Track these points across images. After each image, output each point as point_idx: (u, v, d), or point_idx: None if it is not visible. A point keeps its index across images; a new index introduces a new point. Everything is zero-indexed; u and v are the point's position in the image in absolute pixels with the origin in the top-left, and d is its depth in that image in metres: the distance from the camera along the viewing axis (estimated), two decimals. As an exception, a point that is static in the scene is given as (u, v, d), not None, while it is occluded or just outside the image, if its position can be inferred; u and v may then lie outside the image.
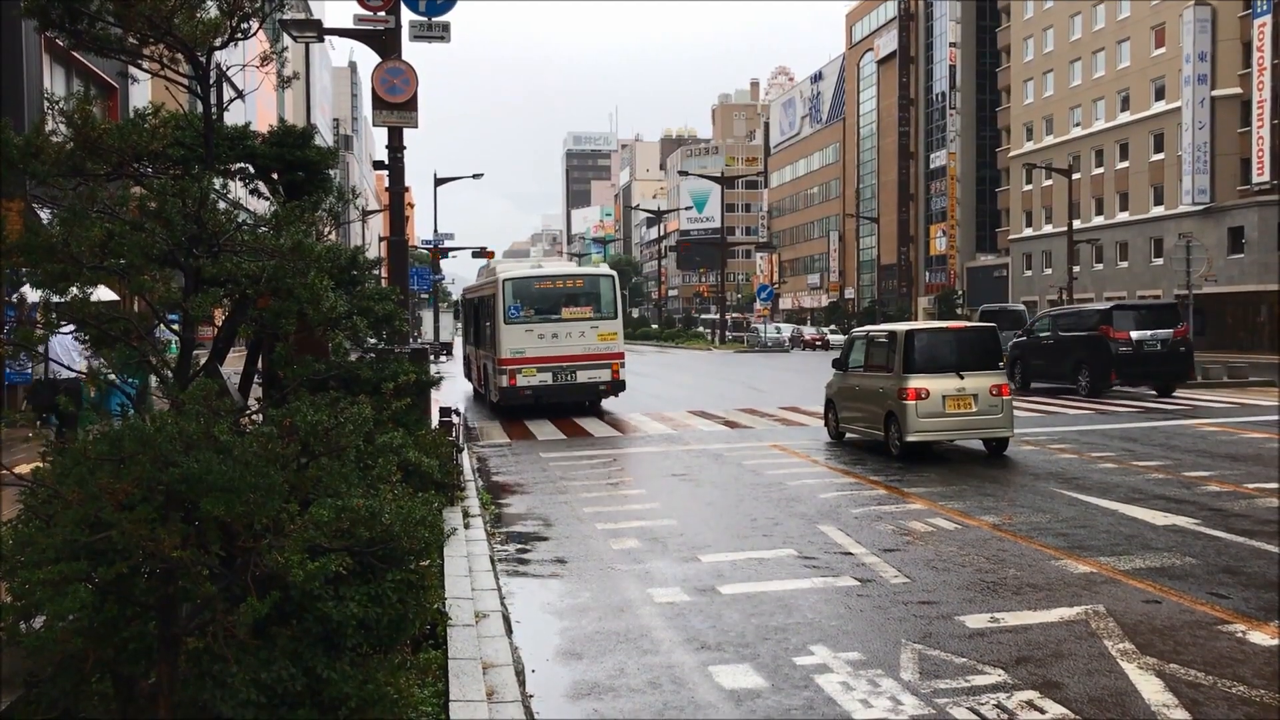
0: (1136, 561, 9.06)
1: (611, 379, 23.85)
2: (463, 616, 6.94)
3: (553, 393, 23.50)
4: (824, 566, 9.22)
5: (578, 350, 23.61)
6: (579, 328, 23.80)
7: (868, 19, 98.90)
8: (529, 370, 23.32)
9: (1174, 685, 6.08)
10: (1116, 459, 15.10)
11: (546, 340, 23.49)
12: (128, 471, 4.10)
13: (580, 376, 23.60)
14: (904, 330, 16.00)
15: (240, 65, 7.60)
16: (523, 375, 23.25)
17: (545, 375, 23.34)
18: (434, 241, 65.96)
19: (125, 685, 4.45)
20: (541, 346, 23.43)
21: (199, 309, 5.19)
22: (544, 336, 23.50)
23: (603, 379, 23.81)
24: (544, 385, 23.38)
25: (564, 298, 24.30)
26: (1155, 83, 59.23)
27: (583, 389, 23.86)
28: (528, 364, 23.30)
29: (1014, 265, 74.13)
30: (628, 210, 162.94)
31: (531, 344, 23.39)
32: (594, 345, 23.82)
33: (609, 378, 23.83)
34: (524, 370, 23.29)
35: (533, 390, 23.35)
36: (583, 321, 23.91)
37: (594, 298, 24.48)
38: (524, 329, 23.50)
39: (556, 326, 23.71)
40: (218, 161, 7.88)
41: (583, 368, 23.59)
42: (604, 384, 23.91)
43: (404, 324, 11.04)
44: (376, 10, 15.90)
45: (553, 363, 23.39)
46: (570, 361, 23.48)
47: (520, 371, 23.26)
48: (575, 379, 23.55)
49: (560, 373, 23.45)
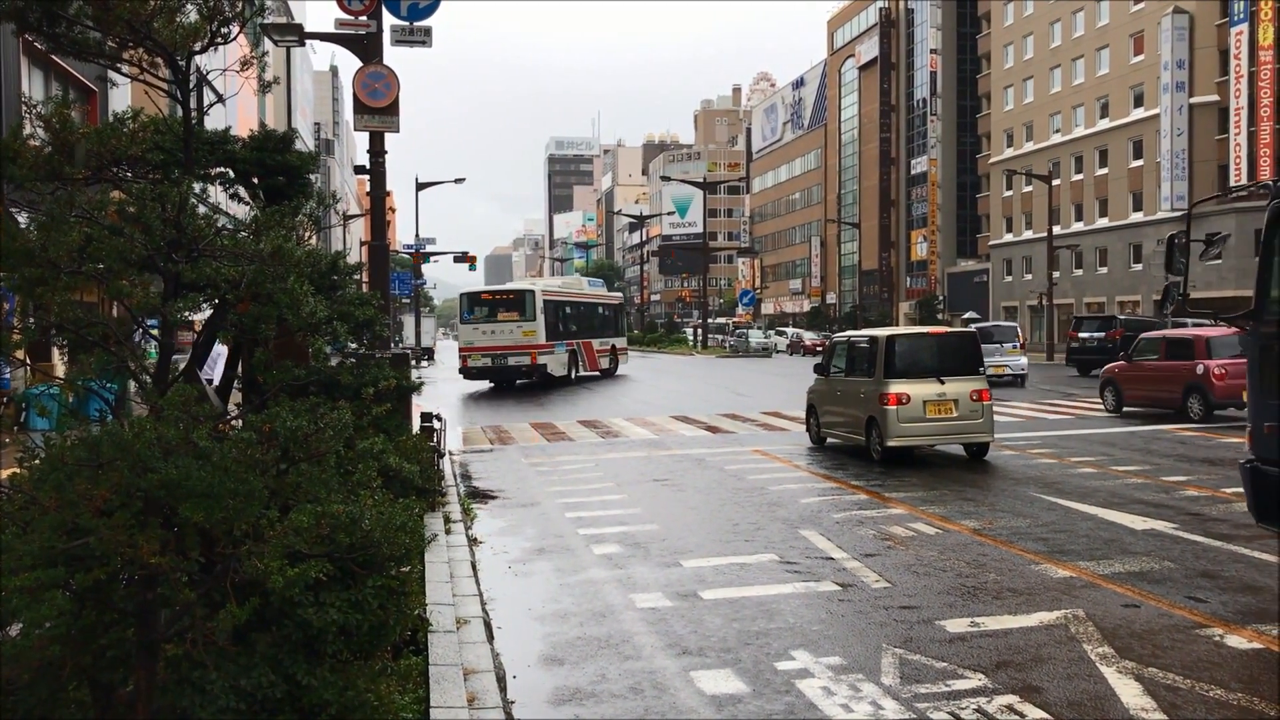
0: (1116, 566, 9.11)
1: (530, 364, 34.03)
2: (444, 622, 6.92)
3: (492, 373, 34.67)
4: (805, 571, 9.23)
5: (508, 343, 34.20)
6: (508, 328, 34.25)
7: (849, 25, 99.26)
8: (476, 356, 34.49)
9: (1152, 689, 6.12)
10: (1096, 464, 15.18)
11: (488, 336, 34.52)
12: (106, 477, 4.08)
13: (510, 361, 34.16)
14: (885, 335, 16.05)
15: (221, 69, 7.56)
16: (472, 359, 34.59)
17: (486, 360, 34.43)
18: (416, 246, 65.86)
19: (103, 692, 4.42)
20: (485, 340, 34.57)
21: (178, 314, 5.16)
22: (486, 333, 34.50)
23: (524, 363, 34.14)
24: (485, 366, 34.53)
25: (499, 306, 34.80)
26: (1134, 89, 59.63)
27: (512, 370, 34.48)
28: (476, 352, 34.62)
29: (994, 271, 74.47)
30: (610, 215, 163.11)
31: (479, 338, 34.62)
32: (520, 340, 34.08)
33: (529, 363, 34.07)
34: (473, 356, 34.55)
35: (479, 369, 34.56)
36: (511, 324, 34.23)
37: (520, 306, 34.50)
38: (472, 328, 34.89)
39: (495, 326, 34.48)
40: (197, 166, 7.85)
41: (512, 355, 34.15)
42: (524, 367, 34.19)
43: (385, 329, 11.02)
44: (358, 15, 15.85)
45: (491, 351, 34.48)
46: (502, 351, 34.32)
47: (470, 357, 34.65)
48: (506, 363, 34.23)
49: (496, 358, 34.26)
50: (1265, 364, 8.00)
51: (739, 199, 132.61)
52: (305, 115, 75.08)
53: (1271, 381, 7.90)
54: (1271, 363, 7.91)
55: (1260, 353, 8.07)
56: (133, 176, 6.36)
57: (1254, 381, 8.22)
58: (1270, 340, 7.91)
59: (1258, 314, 8.08)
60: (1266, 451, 7.95)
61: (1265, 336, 7.98)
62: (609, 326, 42.68)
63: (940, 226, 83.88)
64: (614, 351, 42.38)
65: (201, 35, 5.94)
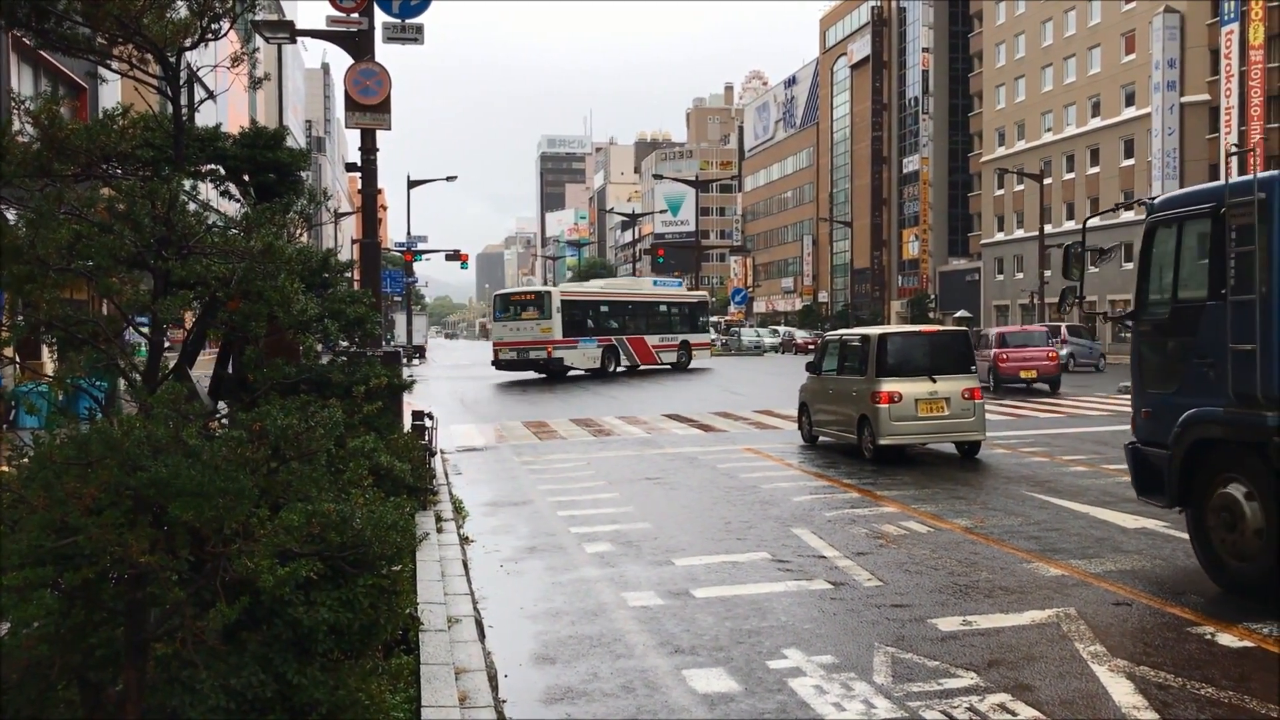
0: (1107, 564, 9.12)
1: (547, 357, 38.08)
2: (435, 621, 6.90)
3: (517, 364, 39.09)
4: (797, 570, 9.23)
5: (529, 339, 38.62)
6: (529, 325, 38.74)
7: (841, 24, 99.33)
8: (505, 350, 39.47)
9: (1144, 687, 6.12)
10: (1088, 462, 15.21)
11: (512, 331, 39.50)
12: (95, 475, 4.05)
13: (531, 354, 38.52)
14: (877, 334, 16.07)
15: (211, 66, 7.53)
16: (502, 353, 39.61)
17: (513, 353, 39.14)
18: (407, 244, 65.77)
19: (92, 692, 4.39)
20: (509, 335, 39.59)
21: (168, 311, 5.14)
22: (512, 330, 39.40)
23: (542, 357, 38.16)
24: (512, 359, 39.26)
25: (523, 306, 39.69)
26: (1125, 89, 59.78)
27: (533, 362, 38.59)
28: (505, 346, 39.53)
29: (986, 269, 74.60)
30: (602, 213, 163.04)
31: (507, 334, 39.61)
32: (538, 336, 38.31)
33: (545, 356, 38.12)
34: (503, 350, 39.56)
35: (507, 361, 39.36)
36: (531, 321, 38.74)
37: (539, 305, 38.89)
38: (502, 325, 40.18)
39: (519, 323, 39.18)
40: (188, 163, 7.80)
41: (533, 350, 38.47)
42: (542, 360, 38.13)
43: (376, 327, 10.98)
44: (349, 12, 15.80)
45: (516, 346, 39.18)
46: (525, 345, 38.71)
47: (501, 351, 39.69)
48: (528, 356, 38.63)
49: (520, 352, 38.85)
50: (1142, 358, 9.32)
51: (731, 197, 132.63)
52: (296, 112, 74.92)
53: (1148, 373, 9.22)
54: (1146, 356, 9.25)
55: (1138, 347, 9.40)
56: (123, 173, 6.33)
57: (1134, 373, 9.49)
58: (1146, 337, 9.26)
59: (1136, 315, 9.39)
60: (1144, 434, 9.15)
61: (1141, 334, 9.32)
62: (678, 323, 45.60)
63: (932, 225, 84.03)
64: (684, 347, 45.15)
65: (192, 31, 5.92)
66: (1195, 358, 8.42)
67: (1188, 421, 8.33)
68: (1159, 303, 9.11)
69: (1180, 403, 8.49)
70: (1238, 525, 7.95)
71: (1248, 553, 7.88)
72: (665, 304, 45.81)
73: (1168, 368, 8.94)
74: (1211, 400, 8.14)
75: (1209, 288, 8.25)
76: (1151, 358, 9.19)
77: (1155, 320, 9.13)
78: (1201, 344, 8.33)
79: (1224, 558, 8.17)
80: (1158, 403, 8.92)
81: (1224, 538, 8.13)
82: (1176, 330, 8.78)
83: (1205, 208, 8.41)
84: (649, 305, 44.89)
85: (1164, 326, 8.99)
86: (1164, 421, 8.67)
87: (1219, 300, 8.06)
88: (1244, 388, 7.73)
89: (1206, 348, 8.24)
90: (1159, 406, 8.88)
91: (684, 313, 46.32)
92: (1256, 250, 7.63)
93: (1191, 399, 8.38)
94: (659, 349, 43.91)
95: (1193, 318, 8.50)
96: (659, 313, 45.18)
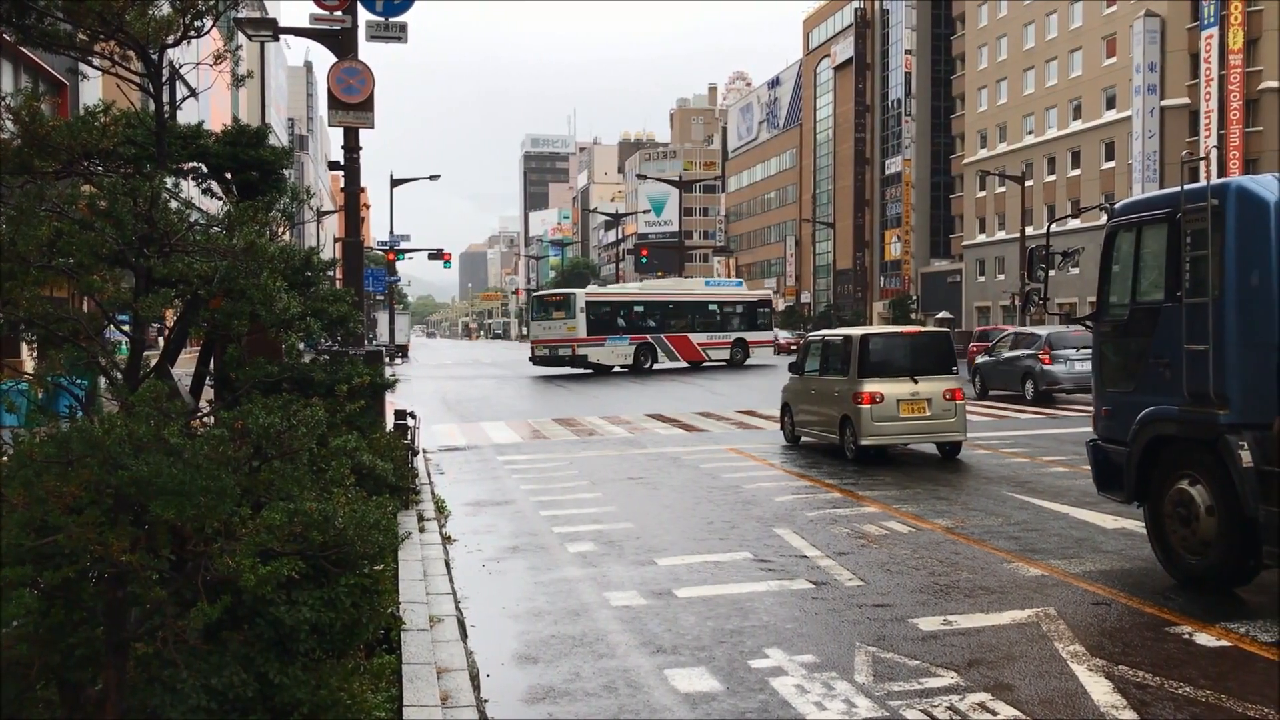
0: (1087, 564, 9.18)
1: (572, 354, 41.40)
2: (417, 621, 6.89)
3: (549, 360, 42.48)
4: (779, 569, 9.25)
5: (557, 337, 42.07)
6: (558, 324, 42.17)
7: (825, 25, 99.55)
8: (540, 347, 43.08)
9: (1122, 686, 6.17)
10: (1068, 463, 15.29)
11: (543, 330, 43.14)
12: (76, 474, 4.03)
13: (559, 351, 41.81)
14: (859, 335, 16.11)
15: (194, 63, 7.50)
16: (537, 350, 43.26)
17: (545, 350, 42.71)
18: (390, 243, 65.56)
19: (71, 691, 4.37)
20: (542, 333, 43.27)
21: (149, 310, 5.11)
22: (545, 329, 42.94)
23: (568, 354, 41.49)
24: (545, 355, 42.81)
25: (553, 307, 43.13)
26: (1106, 92, 60.11)
27: (561, 358, 41.81)
28: (540, 344, 43.14)
29: (967, 271, 74.89)
30: (586, 213, 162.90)
31: (541, 333, 43.23)
32: (565, 334, 41.63)
33: (571, 353, 41.36)
34: (538, 347, 43.20)
35: (541, 357, 42.93)
36: (559, 321, 42.20)
37: (566, 306, 42.30)
38: (537, 324, 43.78)
39: (550, 322, 42.68)
40: (170, 160, 7.77)
41: (561, 347, 41.79)
42: (569, 357, 41.46)
43: (358, 326, 10.96)
44: (333, 10, 15.76)
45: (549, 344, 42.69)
46: (555, 343, 42.17)
47: (536, 348, 43.43)
48: (557, 353, 42.01)
49: (551, 348, 42.35)
50: (1103, 358, 9.56)
51: (714, 198, 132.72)
52: (279, 111, 74.64)
53: (1108, 372, 9.44)
54: (1107, 356, 9.49)
55: (1099, 348, 9.67)
56: (104, 170, 6.28)
57: (1095, 372, 9.79)
58: (1106, 338, 9.50)
59: (1097, 316, 9.67)
60: (1105, 431, 9.40)
61: (1102, 335, 9.57)
62: (732, 321, 46.53)
63: (914, 226, 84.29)
64: (739, 344, 46.00)
65: (174, 28, 5.88)
66: (1152, 358, 8.65)
67: (1145, 420, 8.57)
68: (1118, 305, 9.31)
69: (1138, 401, 8.73)
70: (1192, 520, 8.17)
71: (1201, 546, 8.11)
72: (716, 303, 46.73)
73: (1127, 367, 9.17)
74: (1167, 399, 8.36)
75: (1165, 290, 8.48)
76: (1111, 358, 9.43)
77: (1115, 321, 9.35)
78: (1158, 345, 8.56)
79: (1179, 551, 8.39)
80: (1117, 401, 9.16)
81: (1179, 532, 8.36)
82: (1135, 331, 9.00)
83: (1162, 213, 8.63)
84: (694, 304, 45.96)
85: (1123, 327, 9.22)
86: (1123, 419, 8.92)
87: (1175, 303, 8.28)
88: (1198, 387, 7.94)
89: (1163, 348, 8.47)
90: (1118, 405, 9.12)
91: (739, 311, 46.99)
92: (1210, 255, 7.86)
93: (1149, 398, 8.61)
94: (707, 346, 45.01)
95: (1150, 319, 8.73)
96: (707, 311, 46.16)
